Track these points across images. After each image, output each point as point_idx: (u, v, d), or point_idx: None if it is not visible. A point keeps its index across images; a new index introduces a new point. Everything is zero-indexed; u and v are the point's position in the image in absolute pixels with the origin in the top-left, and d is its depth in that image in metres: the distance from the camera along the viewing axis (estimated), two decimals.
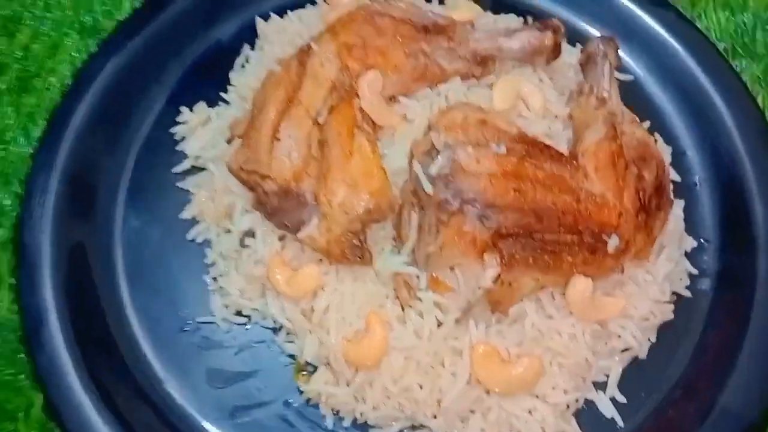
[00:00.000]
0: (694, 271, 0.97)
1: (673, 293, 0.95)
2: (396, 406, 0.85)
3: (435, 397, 0.84)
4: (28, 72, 1.10)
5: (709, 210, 1.02)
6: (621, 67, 1.07)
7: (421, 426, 0.86)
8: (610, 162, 0.88)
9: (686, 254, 0.98)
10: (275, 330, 0.93)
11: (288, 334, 0.92)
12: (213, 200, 0.97)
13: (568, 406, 0.88)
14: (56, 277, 0.91)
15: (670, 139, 1.06)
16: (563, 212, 0.83)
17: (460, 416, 0.86)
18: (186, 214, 0.99)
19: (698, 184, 1.04)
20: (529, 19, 1.08)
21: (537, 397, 0.86)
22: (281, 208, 0.87)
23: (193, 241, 0.98)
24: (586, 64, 1.03)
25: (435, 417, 0.85)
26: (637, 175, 0.89)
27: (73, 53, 1.12)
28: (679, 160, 1.05)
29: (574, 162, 0.88)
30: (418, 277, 0.85)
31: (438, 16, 0.98)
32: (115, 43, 1.07)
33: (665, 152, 1.05)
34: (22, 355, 0.90)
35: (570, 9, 1.15)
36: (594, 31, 1.13)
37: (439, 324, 0.85)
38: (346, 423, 0.88)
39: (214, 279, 0.95)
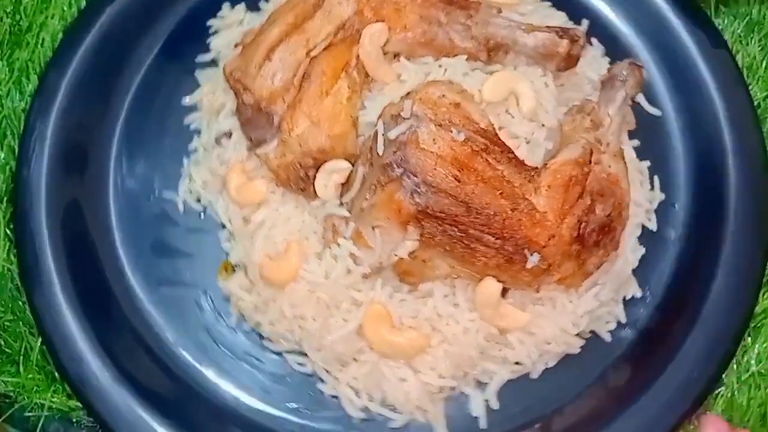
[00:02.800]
0: (623, 320, 0.96)
1: (592, 331, 0.95)
2: (288, 328, 0.92)
3: (323, 333, 0.90)
4: (19, 26, 1.09)
5: (668, 269, 0.99)
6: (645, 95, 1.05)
7: (306, 355, 0.94)
8: (565, 184, 0.88)
9: (625, 300, 0.97)
10: (223, 226, 1.01)
11: (230, 233, 1.00)
12: (213, 93, 1.04)
13: (441, 390, 0.92)
14: (51, 224, 0.96)
15: (669, 184, 1.03)
16: (494, 214, 0.85)
17: (341, 360, 0.92)
18: (188, 100, 1.07)
19: (673, 241, 1.01)
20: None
21: (413, 370, 0.90)
22: (252, 121, 0.93)
23: (188, 127, 1.07)
24: (606, 83, 1.01)
25: (319, 350, 0.92)
26: (588, 207, 0.88)
27: (64, 8, 1.10)
28: (666, 210, 1.02)
29: (532, 173, 0.89)
30: (346, 224, 0.90)
31: None
32: None
33: (655, 198, 1.02)
34: (21, 303, 0.96)
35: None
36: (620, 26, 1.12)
37: (349, 272, 0.90)
38: (246, 327, 0.96)
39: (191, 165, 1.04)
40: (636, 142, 1.05)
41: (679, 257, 0.99)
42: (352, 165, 0.92)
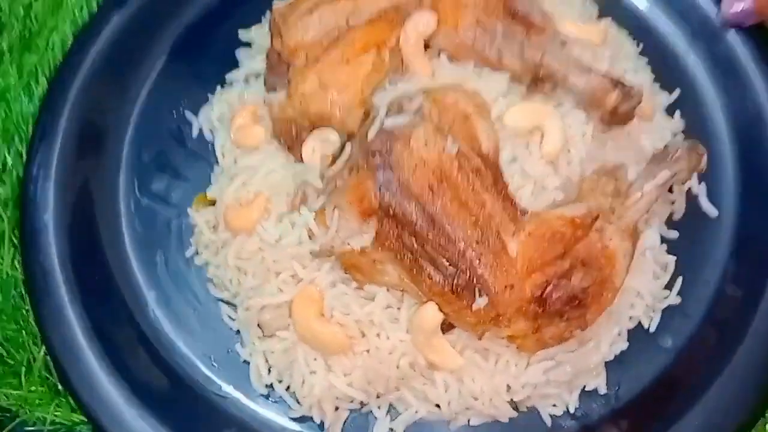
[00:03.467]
0: (572, 409, 0.85)
1: (533, 407, 0.85)
2: (229, 277, 0.90)
3: (256, 294, 0.87)
4: (29, 30, 1.07)
5: (648, 378, 0.86)
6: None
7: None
8: (548, 238, 0.78)
9: (584, 390, 0.86)
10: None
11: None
12: (265, 35, 1.04)
13: (351, 401, 0.85)
14: (59, 230, 0.92)
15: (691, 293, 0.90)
16: (457, 239, 0.77)
17: (267, 329, 0.88)
18: (244, 36, 1.07)
19: (667, 350, 0.87)
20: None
21: (327, 366, 0.84)
22: (274, 67, 0.92)
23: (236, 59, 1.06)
24: (656, 157, 0.90)
25: (247, 310, 0.89)
26: (565, 272, 0.78)
27: (75, 11, 1.08)
28: (674, 315, 0.89)
29: (518, 213, 0.80)
30: (317, 197, 0.86)
31: (539, 13, 0.90)
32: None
33: (666, 299, 0.89)
34: (24, 311, 0.91)
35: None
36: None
37: (300, 243, 0.86)
38: (199, 262, 0.95)
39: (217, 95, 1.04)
40: (674, 234, 0.93)
41: (666, 370, 0.86)
42: (348, 141, 0.88)
